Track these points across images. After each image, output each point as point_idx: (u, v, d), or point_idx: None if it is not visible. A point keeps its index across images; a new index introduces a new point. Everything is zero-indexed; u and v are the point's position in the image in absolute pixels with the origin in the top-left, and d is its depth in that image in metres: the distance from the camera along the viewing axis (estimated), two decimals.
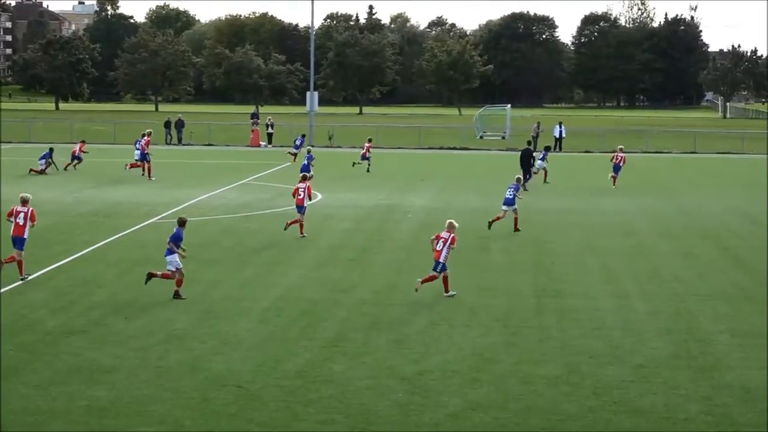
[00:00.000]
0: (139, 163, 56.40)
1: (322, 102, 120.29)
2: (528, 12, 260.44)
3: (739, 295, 27.16)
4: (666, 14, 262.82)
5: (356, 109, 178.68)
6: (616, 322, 23.99)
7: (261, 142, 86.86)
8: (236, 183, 54.01)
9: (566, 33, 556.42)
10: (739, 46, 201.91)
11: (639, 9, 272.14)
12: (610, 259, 32.32)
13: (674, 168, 58.20)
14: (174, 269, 25.89)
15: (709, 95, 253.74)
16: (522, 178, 42.61)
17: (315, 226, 38.19)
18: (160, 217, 40.28)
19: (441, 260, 26.54)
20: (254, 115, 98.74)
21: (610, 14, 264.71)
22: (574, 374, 19.70)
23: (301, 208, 36.10)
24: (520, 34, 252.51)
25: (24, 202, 28.32)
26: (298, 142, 72.01)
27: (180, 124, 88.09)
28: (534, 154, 55.97)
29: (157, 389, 18.56)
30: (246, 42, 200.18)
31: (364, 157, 62.71)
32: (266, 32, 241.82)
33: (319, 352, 21.15)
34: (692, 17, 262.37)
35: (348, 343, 21.83)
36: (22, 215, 28.04)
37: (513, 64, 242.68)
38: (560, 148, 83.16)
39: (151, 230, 36.61)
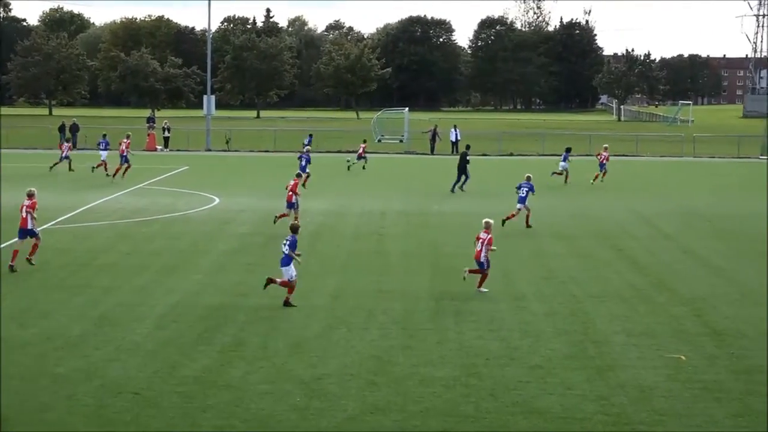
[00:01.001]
0: (103, 162, 58.54)
1: (220, 106, 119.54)
2: (425, 15, 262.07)
3: (634, 296, 27.50)
4: (561, 18, 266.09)
5: (254, 113, 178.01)
6: (513, 324, 24.15)
7: (157, 146, 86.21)
8: (132, 187, 53.44)
9: (463, 36, 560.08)
10: (632, 49, 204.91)
11: (535, 13, 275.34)
12: (507, 261, 32.52)
13: (574, 170, 58.76)
14: (288, 278, 25.81)
15: (604, 98, 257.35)
16: (531, 181, 42.57)
17: (213, 231, 37.96)
18: (53, 222, 39.64)
19: (481, 259, 28.05)
20: (150, 119, 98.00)
21: (507, 18, 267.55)
22: (472, 376, 19.78)
23: (290, 204, 38.86)
24: (418, 38, 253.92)
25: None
26: (306, 141, 75.39)
27: (74, 128, 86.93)
28: (468, 159, 56.31)
29: (53, 396, 18.26)
30: (142, 45, 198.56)
31: (360, 157, 66.81)
32: (162, 35, 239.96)
33: (217, 357, 20.98)
34: (587, 21, 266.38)
35: (246, 348, 21.69)
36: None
37: (411, 68, 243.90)
38: (456, 151, 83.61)
39: (46, 236, 36.03)
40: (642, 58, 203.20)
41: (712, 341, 22.75)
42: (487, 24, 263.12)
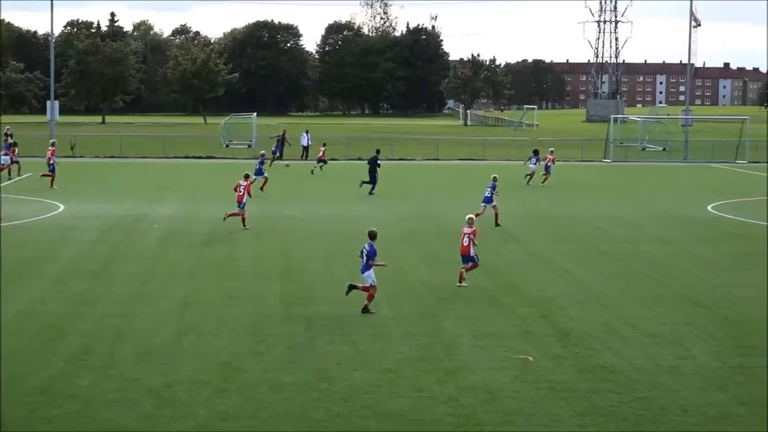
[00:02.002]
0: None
1: (64, 111, 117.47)
2: (272, 20, 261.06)
3: (481, 298, 27.82)
4: (408, 23, 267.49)
5: (99, 118, 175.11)
6: (363, 328, 24.21)
7: None
8: None
9: (311, 41, 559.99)
10: (478, 55, 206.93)
11: (381, 18, 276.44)
12: (356, 265, 32.58)
13: (418, 174, 59.35)
14: (370, 284, 25.72)
15: (451, 103, 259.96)
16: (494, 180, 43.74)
17: (57, 238, 37.27)
18: None
19: (471, 253, 29.22)
20: None
21: (354, 23, 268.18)
22: (322, 381, 19.78)
23: (240, 203, 40.19)
24: (265, 43, 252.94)
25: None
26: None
27: None
28: (379, 161, 57.31)
29: None
30: None
31: (320, 161, 68.26)
32: (3, 39, 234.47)
33: (63, 366, 20.59)
34: (433, 27, 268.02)
35: (93, 357, 21.33)
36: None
37: (258, 73, 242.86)
38: (306, 156, 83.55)
39: None
40: (487, 63, 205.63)
41: (558, 342, 23.15)
42: (334, 29, 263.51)
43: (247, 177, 42.00)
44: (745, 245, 38.05)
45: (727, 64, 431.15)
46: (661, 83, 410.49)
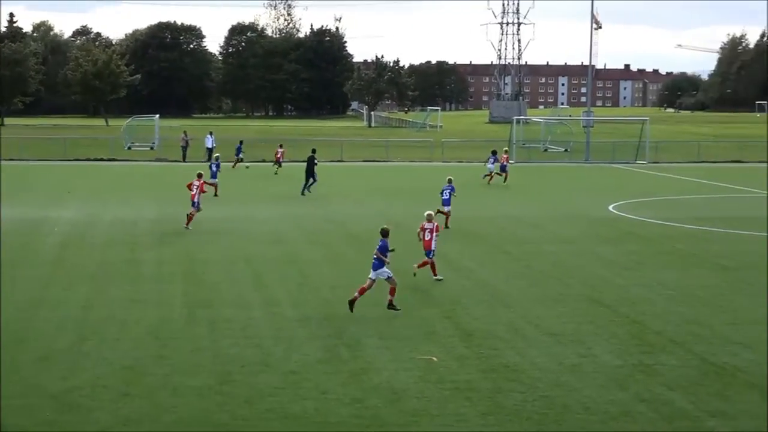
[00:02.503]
0: None
1: None
2: (175, 21, 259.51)
3: (386, 299, 27.80)
4: (312, 25, 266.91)
5: None
6: (267, 330, 24.12)
7: None
8: None
9: (214, 43, 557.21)
10: (382, 56, 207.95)
11: (285, 20, 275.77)
12: (260, 267, 32.50)
13: (322, 175, 59.27)
14: (387, 277, 26.16)
15: (355, 105, 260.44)
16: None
17: None
18: None
19: (433, 248, 30.11)
20: None
21: (258, 24, 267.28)
22: (226, 384, 19.65)
23: (194, 202, 41.05)
24: (168, 44, 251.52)
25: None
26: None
27: None
28: (316, 162, 58.32)
29: None
30: None
31: (277, 162, 70.16)
32: None
33: None
34: (337, 28, 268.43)
35: None
36: None
37: (161, 74, 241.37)
38: (210, 158, 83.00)
39: None
40: (391, 64, 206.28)
41: (462, 342, 23.25)
42: (237, 30, 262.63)
43: (200, 176, 42.29)
44: (645, 245, 38.60)
45: (627, 66, 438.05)
46: (563, 85, 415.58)
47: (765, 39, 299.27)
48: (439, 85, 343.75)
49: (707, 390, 19.59)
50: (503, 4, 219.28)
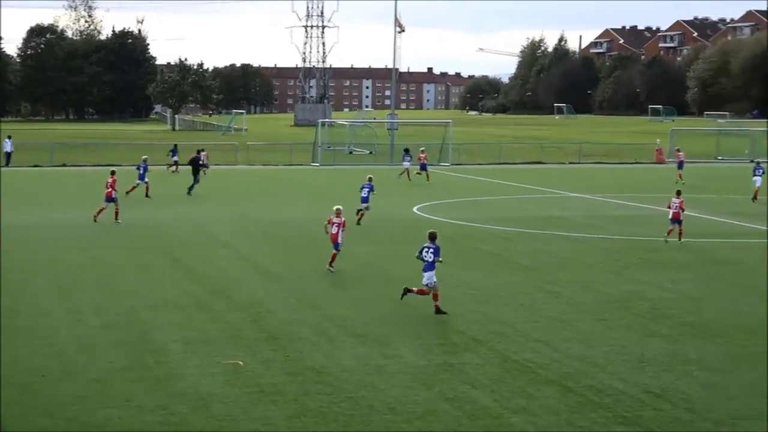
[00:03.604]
0: None
1: None
2: None
3: (191, 304, 27.61)
4: (113, 27, 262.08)
5: None
6: (69, 338, 23.65)
7: None
8: None
9: (12, 45, 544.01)
10: (186, 59, 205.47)
11: (86, 21, 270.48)
12: (63, 275, 31.84)
13: (127, 182, 58.17)
14: (432, 284, 26.51)
15: (159, 108, 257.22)
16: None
17: None
18: None
19: (339, 241, 32.26)
20: None
21: (57, 26, 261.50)
22: (27, 394, 19.18)
23: (108, 198, 44.29)
24: None
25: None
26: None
27: None
28: (202, 162, 61.73)
29: None
30: None
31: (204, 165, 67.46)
32: None
33: None
34: (139, 31, 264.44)
35: None
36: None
37: None
38: (9, 163, 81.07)
39: None
40: (195, 67, 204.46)
41: (268, 345, 23.22)
42: (36, 32, 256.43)
43: (113, 174, 45.32)
44: (449, 245, 39.04)
45: (431, 69, 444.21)
46: (367, 87, 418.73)
47: (563, 43, 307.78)
48: (244, 88, 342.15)
49: (510, 387, 20.02)
50: (307, 7, 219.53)
